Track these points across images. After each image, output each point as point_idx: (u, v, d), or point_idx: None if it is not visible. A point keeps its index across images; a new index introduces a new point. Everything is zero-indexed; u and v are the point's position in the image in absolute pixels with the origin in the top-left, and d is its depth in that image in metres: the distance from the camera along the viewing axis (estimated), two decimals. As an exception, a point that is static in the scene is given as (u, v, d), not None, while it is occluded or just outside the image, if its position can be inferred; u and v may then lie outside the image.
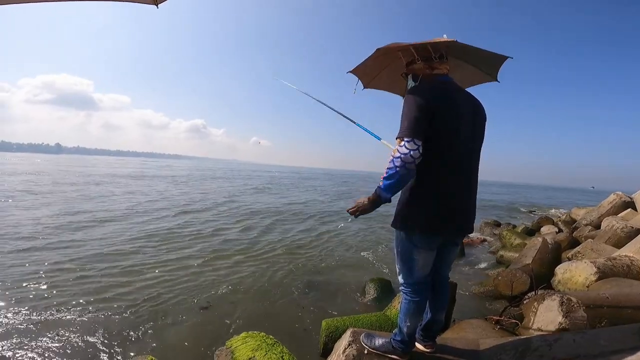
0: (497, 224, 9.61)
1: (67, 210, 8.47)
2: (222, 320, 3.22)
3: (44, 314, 3.15)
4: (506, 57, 1.58)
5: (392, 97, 2.03)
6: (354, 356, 1.63)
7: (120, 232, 6.50)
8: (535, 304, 2.28)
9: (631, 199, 6.65)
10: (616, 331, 1.73)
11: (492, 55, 1.57)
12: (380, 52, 1.55)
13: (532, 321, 2.20)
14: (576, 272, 3.24)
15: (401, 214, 1.42)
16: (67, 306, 3.35)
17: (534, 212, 16.06)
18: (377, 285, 3.81)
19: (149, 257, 5.07)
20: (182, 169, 44.04)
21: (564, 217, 9.28)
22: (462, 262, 5.58)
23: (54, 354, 2.57)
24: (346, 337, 1.78)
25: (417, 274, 1.47)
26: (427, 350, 1.64)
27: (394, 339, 1.59)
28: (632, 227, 4.54)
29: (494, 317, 2.58)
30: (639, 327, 1.69)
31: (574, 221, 8.11)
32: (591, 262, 3.18)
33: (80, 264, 4.56)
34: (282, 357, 1.91)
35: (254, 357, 1.90)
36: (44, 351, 2.59)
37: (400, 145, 1.29)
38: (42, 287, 3.75)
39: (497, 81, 1.75)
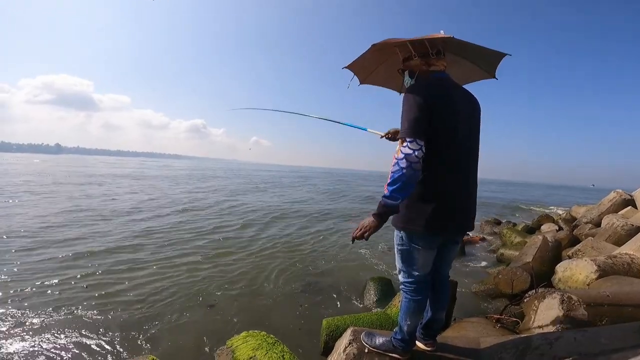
0: (497, 222, 9.61)
1: (71, 209, 8.53)
2: (223, 319, 3.23)
3: (50, 312, 3.18)
4: (504, 54, 1.56)
5: (392, 96, 2.03)
6: (354, 355, 1.63)
7: (123, 231, 6.55)
8: (535, 302, 2.28)
9: (631, 196, 6.64)
10: (617, 329, 1.73)
11: (490, 52, 1.55)
12: (376, 48, 1.53)
13: (532, 319, 2.20)
14: (577, 270, 3.24)
15: (401, 213, 1.39)
16: (72, 304, 3.38)
17: (534, 210, 16.06)
18: (378, 284, 3.81)
19: (152, 255, 5.12)
20: (182, 169, 44.12)
21: (565, 215, 9.28)
22: (462, 260, 5.58)
23: (58, 352, 2.58)
24: (347, 336, 1.78)
25: (417, 273, 1.47)
26: (428, 348, 1.64)
27: (394, 338, 1.59)
28: (632, 225, 4.54)
29: (495, 316, 2.58)
30: (639, 326, 1.69)
31: (574, 219, 8.11)
32: (592, 260, 3.18)
33: (84, 262, 4.61)
34: (282, 356, 1.91)
35: (255, 356, 1.90)
36: (48, 349, 2.60)
37: (402, 146, 1.27)
38: (47, 285, 3.79)
39: (495, 78, 1.73)
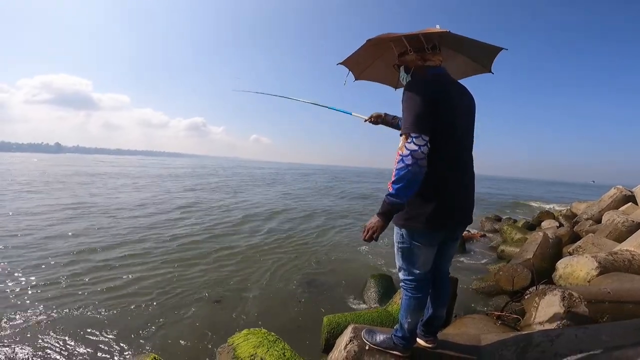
0: (497, 219, 9.62)
1: (74, 207, 8.61)
2: (224, 317, 3.24)
3: (55, 308, 3.22)
4: (500, 48, 1.54)
5: (392, 95, 2.02)
6: (355, 352, 1.63)
7: (127, 228, 6.62)
8: (536, 299, 2.28)
9: (632, 193, 6.64)
10: (618, 326, 1.73)
11: (486, 46, 1.53)
12: (371, 43, 1.52)
13: (533, 316, 2.19)
14: (577, 267, 3.24)
15: (403, 210, 1.38)
16: (77, 300, 3.44)
17: (534, 207, 16.04)
18: (378, 281, 3.81)
19: (157, 251, 5.20)
20: (184, 167, 44.17)
21: (565, 211, 9.28)
22: (463, 257, 5.59)
23: (63, 348, 2.61)
24: (347, 333, 1.78)
25: (418, 271, 1.47)
26: (429, 345, 1.64)
27: (395, 335, 1.59)
28: (632, 221, 4.54)
29: (495, 313, 2.58)
30: (640, 322, 1.69)
31: (574, 215, 8.10)
32: (592, 257, 3.18)
33: (90, 259, 4.67)
34: (283, 353, 1.91)
35: (256, 354, 1.90)
36: (54, 346, 2.63)
37: (407, 141, 1.23)
38: (53, 282, 3.84)
39: (491, 72, 1.71)
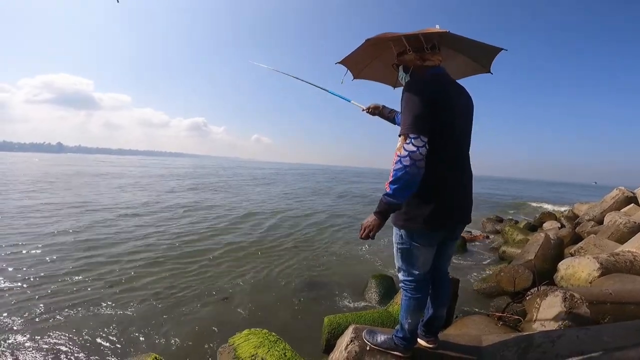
0: (499, 220, 9.59)
1: (80, 206, 8.72)
2: (224, 317, 3.23)
3: (65, 308, 3.26)
4: (500, 48, 1.54)
5: (391, 94, 2.02)
6: (356, 353, 1.63)
7: (134, 229, 6.66)
8: (537, 300, 2.28)
9: (634, 194, 6.62)
10: (619, 327, 1.73)
11: (485, 46, 1.53)
12: (370, 43, 1.52)
13: (534, 317, 2.19)
14: (579, 268, 3.23)
15: (401, 211, 1.38)
16: (87, 299, 3.47)
17: (536, 208, 15.99)
18: (379, 281, 3.81)
19: (164, 251, 5.25)
20: (185, 167, 44.33)
21: (567, 212, 9.25)
22: (464, 258, 5.57)
23: (72, 347, 2.63)
24: (348, 334, 1.78)
25: (417, 271, 1.47)
26: (429, 346, 1.64)
27: (396, 336, 1.59)
28: (634, 223, 4.52)
29: (497, 313, 2.58)
30: (642, 323, 1.69)
31: (576, 217, 8.09)
32: (594, 258, 3.17)
33: (97, 259, 4.72)
34: (284, 354, 1.91)
35: (257, 354, 1.90)
36: (63, 344, 2.66)
37: (406, 142, 1.23)
38: (62, 280, 3.88)
39: (490, 72, 1.71)
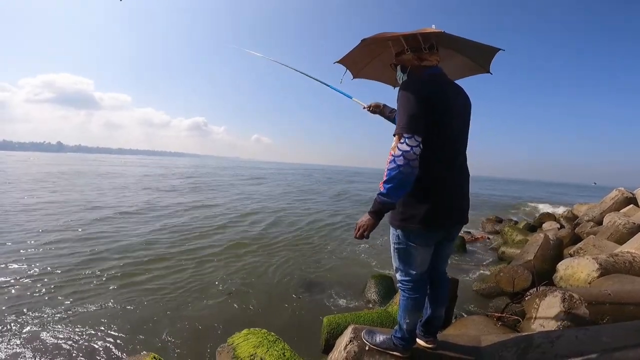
0: (498, 221, 9.59)
1: (86, 205, 8.84)
2: (224, 316, 3.23)
3: (73, 305, 3.30)
4: (498, 49, 1.54)
5: (392, 94, 2.02)
6: (355, 353, 1.63)
7: (139, 227, 6.72)
8: (537, 300, 2.28)
9: (633, 195, 6.62)
10: (618, 328, 1.73)
11: (484, 47, 1.54)
12: (366, 42, 1.51)
13: (534, 318, 2.19)
14: (578, 269, 3.23)
15: (398, 211, 1.38)
16: (94, 296, 3.52)
17: (535, 208, 15.99)
18: (379, 281, 3.81)
19: (169, 249, 5.31)
20: (186, 167, 44.34)
21: (566, 213, 9.26)
22: (463, 258, 5.58)
23: (80, 344, 2.67)
24: (347, 334, 1.78)
25: (415, 272, 1.47)
26: (428, 346, 1.63)
27: (394, 336, 1.59)
28: (634, 223, 4.53)
29: (496, 314, 2.58)
30: (641, 324, 1.69)
31: (575, 217, 8.10)
32: (593, 259, 3.17)
33: (104, 256, 4.76)
34: (283, 353, 1.91)
35: (256, 353, 1.90)
36: (72, 341, 2.70)
37: (400, 142, 1.23)
38: (69, 279, 3.92)
39: (489, 73, 1.71)
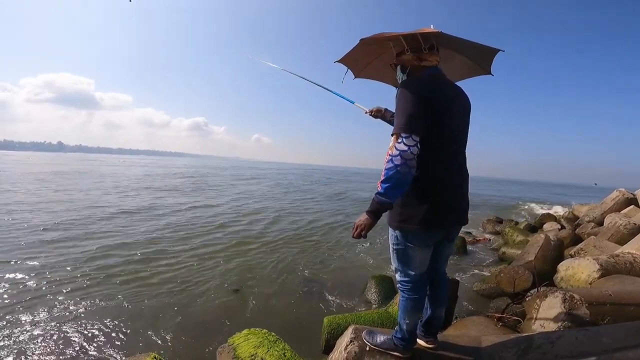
0: (499, 221, 9.58)
1: (92, 205, 8.93)
2: (223, 317, 3.23)
3: (81, 301, 3.33)
4: (497, 49, 1.54)
5: (394, 93, 2.01)
6: (355, 353, 1.63)
7: (144, 226, 6.79)
8: (537, 301, 2.28)
9: (634, 195, 6.62)
10: (619, 329, 1.73)
11: (483, 47, 1.53)
12: (365, 42, 1.51)
13: (534, 318, 2.19)
14: (579, 269, 3.23)
15: (397, 212, 1.38)
16: (101, 293, 3.54)
17: (536, 209, 15.97)
18: (379, 282, 3.81)
19: (173, 247, 5.37)
20: (187, 167, 44.40)
21: (567, 214, 9.25)
22: (464, 259, 5.57)
23: (86, 340, 2.69)
24: (348, 334, 1.78)
25: (414, 272, 1.46)
26: (429, 346, 1.63)
27: (395, 337, 1.59)
28: (635, 224, 4.52)
29: (496, 314, 2.58)
30: (642, 325, 1.69)
31: (576, 218, 8.08)
32: (594, 259, 3.17)
33: (111, 254, 4.82)
34: (284, 354, 1.91)
35: (256, 354, 1.90)
36: (79, 337, 2.72)
37: (397, 142, 1.23)
38: (75, 277, 3.95)
39: (491, 74, 1.71)
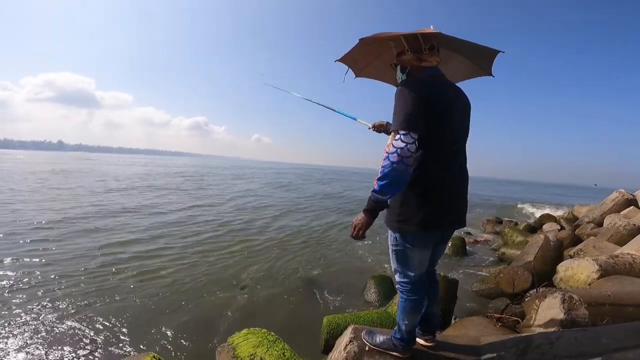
0: (499, 222, 9.59)
1: (99, 204, 9.04)
2: (222, 316, 3.24)
3: (90, 298, 3.38)
4: (498, 51, 1.54)
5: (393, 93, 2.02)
6: (355, 353, 1.63)
7: (146, 225, 6.82)
8: (536, 301, 2.28)
9: (634, 196, 6.62)
10: (618, 329, 1.73)
11: (483, 48, 1.53)
12: (365, 42, 1.51)
13: (533, 319, 2.19)
14: (578, 270, 3.23)
15: (396, 213, 1.37)
16: (106, 291, 3.60)
17: (535, 209, 15.96)
18: (379, 282, 3.81)
19: (174, 246, 5.45)
20: (187, 166, 44.41)
21: (566, 214, 9.26)
22: (463, 259, 5.58)
23: (93, 337, 2.73)
24: (347, 334, 1.78)
25: (413, 273, 1.46)
26: (428, 344, 1.64)
27: (394, 337, 1.59)
28: (634, 225, 4.53)
29: (496, 315, 2.58)
30: (641, 325, 1.69)
31: (576, 219, 8.09)
32: (593, 260, 3.17)
33: (119, 252, 4.89)
34: (283, 353, 1.91)
35: (256, 353, 1.90)
36: (85, 334, 2.76)
37: (395, 139, 1.22)
38: (80, 275, 4.00)
39: (491, 75, 1.71)
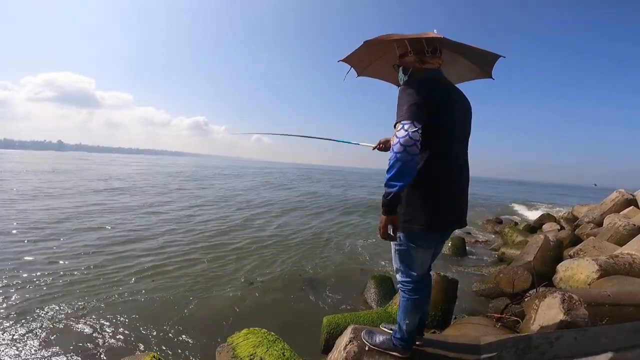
0: (499, 222, 9.60)
1: (102, 202, 9.08)
2: (222, 316, 3.23)
3: (99, 294, 3.40)
4: (499, 55, 1.57)
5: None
6: (354, 353, 1.63)
7: (147, 225, 6.85)
8: (536, 301, 2.28)
9: (634, 196, 6.62)
10: (618, 329, 1.73)
11: (485, 52, 1.56)
12: (369, 43, 1.52)
13: (533, 319, 2.19)
14: (578, 270, 3.23)
15: (400, 213, 1.36)
16: (100, 292, 3.56)
17: (535, 209, 15.97)
18: (379, 282, 3.81)
19: (173, 245, 5.47)
20: (188, 166, 44.43)
21: (566, 214, 9.26)
22: (463, 259, 5.58)
23: (79, 340, 2.69)
24: (347, 334, 1.78)
25: (415, 273, 1.47)
26: (417, 343, 1.64)
27: (394, 337, 1.59)
28: (634, 225, 4.52)
29: (495, 315, 2.58)
30: (640, 325, 1.69)
31: (576, 218, 8.08)
32: (593, 260, 3.17)
33: (115, 252, 4.86)
34: (283, 353, 1.91)
35: (255, 353, 1.90)
36: (90, 332, 2.78)
37: (397, 130, 1.24)
38: (83, 274, 4.01)
39: (492, 78, 1.74)
